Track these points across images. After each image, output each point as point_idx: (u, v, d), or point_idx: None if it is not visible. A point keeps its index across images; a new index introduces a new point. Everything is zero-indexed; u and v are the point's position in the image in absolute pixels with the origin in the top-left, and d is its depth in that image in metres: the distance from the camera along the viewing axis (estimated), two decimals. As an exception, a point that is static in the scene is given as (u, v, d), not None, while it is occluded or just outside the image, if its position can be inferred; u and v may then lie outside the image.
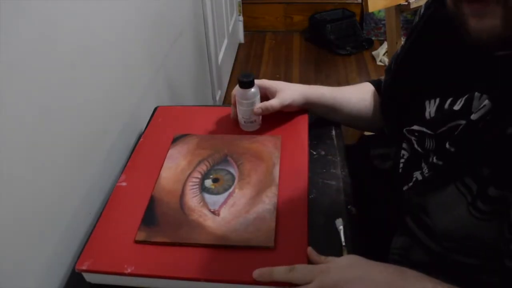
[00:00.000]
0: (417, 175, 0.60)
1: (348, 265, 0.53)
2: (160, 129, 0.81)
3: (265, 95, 0.79)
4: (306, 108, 0.80)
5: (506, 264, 0.48)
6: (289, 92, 0.77)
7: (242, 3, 2.58)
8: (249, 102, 0.76)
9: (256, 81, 0.77)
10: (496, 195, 0.47)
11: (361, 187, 0.74)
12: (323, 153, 0.77)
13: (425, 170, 0.58)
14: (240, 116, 0.79)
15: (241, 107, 0.77)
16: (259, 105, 0.76)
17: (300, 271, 0.52)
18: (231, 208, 0.63)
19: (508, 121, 0.45)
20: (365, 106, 0.79)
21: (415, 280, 0.49)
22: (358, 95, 0.80)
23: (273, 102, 0.76)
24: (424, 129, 0.59)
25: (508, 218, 0.46)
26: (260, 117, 0.79)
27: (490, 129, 0.48)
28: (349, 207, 0.66)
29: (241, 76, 0.75)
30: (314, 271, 0.52)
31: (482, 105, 0.49)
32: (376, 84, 0.81)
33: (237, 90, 0.77)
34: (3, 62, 0.48)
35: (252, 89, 0.76)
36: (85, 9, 0.67)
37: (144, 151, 0.76)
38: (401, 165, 0.66)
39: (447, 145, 0.53)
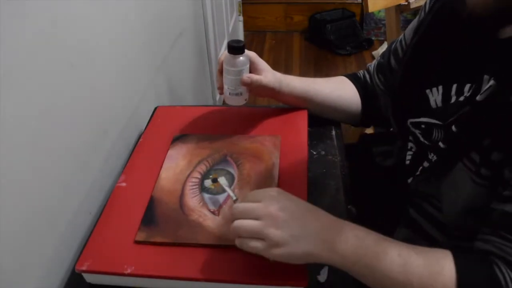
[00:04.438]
0: (424, 164, 0.61)
1: (294, 198, 0.54)
2: (160, 129, 0.81)
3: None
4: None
5: (493, 206, 0.50)
6: (272, 77, 0.75)
7: (242, 3, 2.58)
8: (237, 71, 0.71)
9: (247, 52, 0.73)
10: (499, 159, 0.48)
11: (362, 186, 0.74)
12: (323, 153, 0.77)
13: (433, 157, 0.59)
14: (225, 86, 0.74)
15: (228, 76, 0.72)
16: (248, 75, 0.73)
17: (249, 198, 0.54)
18: (231, 208, 0.63)
19: (510, 90, 0.47)
20: (338, 96, 0.80)
21: (348, 228, 0.51)
22: (330, 86, 0.81)
23: (263, 79, 0.74)
24: (433, 120, 0.60)
25: (503, 176, 0.48)
26: (247, 91, 0.75)
27: (493, 101, 0.50)
28: (349, 207, 0.66)
29: (231, 41, 0.71)
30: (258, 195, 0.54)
31: (487, 86, 0.50)
32: (352, 77, 0.83)
33: (225, 56, 0.72)
34: (3, 62, 0.48)
35: (242, 57, 0.71)
36: (85, 9, 0.67)
37: (143, 151, 0.76)
38: (408, 157, 0.67)
39: (453, 128, 0.55)
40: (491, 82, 0.50)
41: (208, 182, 0.68)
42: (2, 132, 0.48)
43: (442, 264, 0.48)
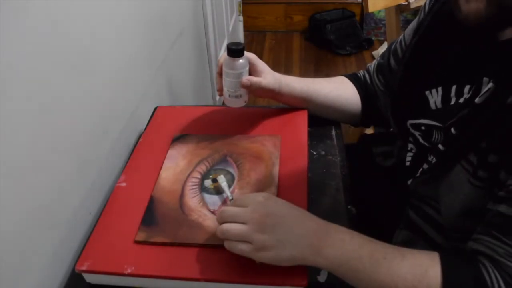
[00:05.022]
0: (424, 165, 0.61)
1: (281, 203, 0.55)
2: (160, 129, 0.81)
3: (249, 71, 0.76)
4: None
5: (488, 207, 0.50)
6: (272, 78, 0.75)
7: (242, 3, 2.58)
8: (236, 73, 0.71)
9: (246, 53, 0.73)
10: (495, 161, 0.49)
11: (362, 186, 0.74)
12: (323, 153, 0.77)
13: (433, 159, 0.59)
14: (225, 89, 0.74)
15: (227, 78, 0.72)
16: (248, 77, 0.73)
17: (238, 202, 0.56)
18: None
19: (508, 92, 0.47)
20: (338, 96, 0.80)
21: (334, 231, 0.52)
22: (330, 86, 0.81)
23: (262, 81, 0.74)
24: (433, 122, 0.60)
25: (499, 177, 0.49)
26: (247, 93, 0.75)
27: (490, 104, 0.50)
28: (349, 207, 0.66)
29: (230, 44, 0.70)
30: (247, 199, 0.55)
31: (486, 89, 0.51)
32: (352, 77, 0.83)
33: (224, 58, 0.72)
34: (3, 62, 0.48)
35: (241, 60, 0.71)
36: (85, 9, 0.67)
37: (143, 151, 0.76)
38: (408, 158, 0.67)
39: (452, 130, 0.55)
40: (490, 84, 0.50)
41: (208, 182, 0.68)
42: (2, 133, 0.48)
43: (427, 266, 0.48)
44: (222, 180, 0.65)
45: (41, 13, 0.56)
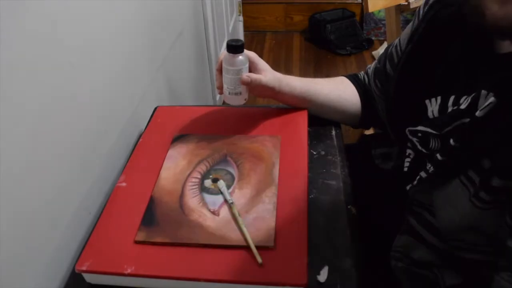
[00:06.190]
0: (422, 173, 0.60)
1: None
2: (160, 129, 0.81)
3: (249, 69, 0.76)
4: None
5: (509, 244, 0.48)
6: (272, 76, 0.75)
7: (242, 3, 2.58)
8: (236, 70, 0.71)
9: (246, 51, 0.73)
10: (499, 185, 0.48)
11: (362, 186, 0.74)
12: (323, 153, 0.77)
13: (430, 168, 0.58)
14: (225, 86, 0.75)
15: (227, 75, 0.73)
16: (248, 74, 0.73)
17: None
18: (229, 211, 0.63)
19: None
20: (338, 96, 0.80)
21: None
22: (330, 86, 0.80)
23: (262, 78, 0.74)
24: (429, 130, 0.59)
25: (510, 206, 0.47)
26: (247, 90, 0.76)
27: (494, 121, 0.49)
28: (349, 207, 0.66)
29: (230, 40, 0.71)
30: None
31: (488, 103, 0.49)
32: (352, 78, 0.82)
33: (224, 55, 0.73)
34: (3, 62, 0.48)
35: (241, 56, 0.71)
36: (85, 9, 0.67)
37: (143, 151, 0.76)
38: (407, 164, 0.66)
39: (451, 142, 0.54)
40: (492, 98, 0.49)
41: (208, 182, 0.68)
42: (2, 133, 0.48)
43: None
44: (222, 185, 0.65)
45: (41, 13, 0.56)
